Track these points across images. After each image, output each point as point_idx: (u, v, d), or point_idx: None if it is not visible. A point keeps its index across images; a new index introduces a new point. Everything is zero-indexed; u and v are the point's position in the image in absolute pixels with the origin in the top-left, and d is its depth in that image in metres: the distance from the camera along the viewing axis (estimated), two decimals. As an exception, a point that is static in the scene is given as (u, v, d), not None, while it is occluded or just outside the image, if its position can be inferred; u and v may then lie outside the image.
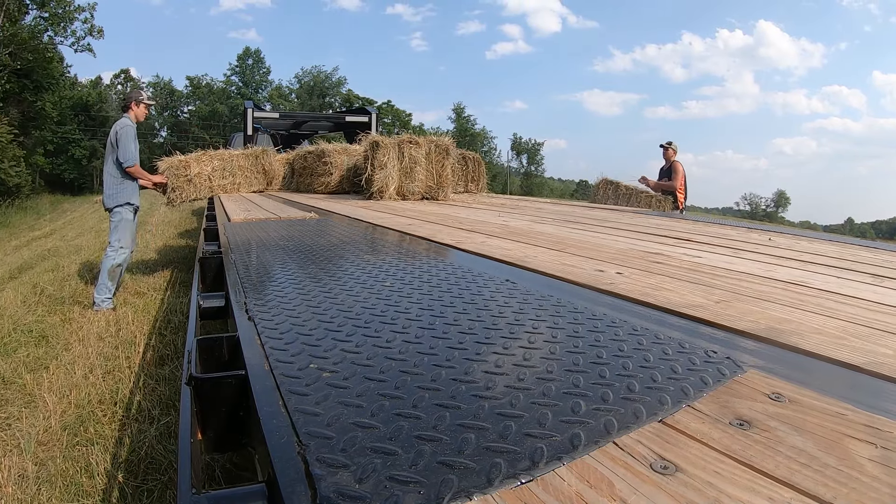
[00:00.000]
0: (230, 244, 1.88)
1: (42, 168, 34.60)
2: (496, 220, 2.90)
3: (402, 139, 4.47)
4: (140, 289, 4.79)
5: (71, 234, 10.19)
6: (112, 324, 3.64)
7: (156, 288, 4.94)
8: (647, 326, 0.91)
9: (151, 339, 3.43)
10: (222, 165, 5.52)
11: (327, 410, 0.57)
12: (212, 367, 0.85)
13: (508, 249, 1.77)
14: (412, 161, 4.41)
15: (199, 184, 5.23)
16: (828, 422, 0.56)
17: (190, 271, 5.30)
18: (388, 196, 4.33)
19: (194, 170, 5.19)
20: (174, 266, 5.94)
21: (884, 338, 0.88)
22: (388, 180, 4.32)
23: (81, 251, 7.29)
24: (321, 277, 1.31)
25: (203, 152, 5.52)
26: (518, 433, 0.53)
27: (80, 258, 6.54)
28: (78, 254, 7.02)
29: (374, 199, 4.30)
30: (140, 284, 4.91)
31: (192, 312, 1.15)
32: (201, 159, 5.35)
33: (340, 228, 2.44)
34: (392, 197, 4.34)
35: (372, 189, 4.32)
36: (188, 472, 0.55)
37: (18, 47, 21.20)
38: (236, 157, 5.69)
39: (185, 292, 4.57)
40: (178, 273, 5.53)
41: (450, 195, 4.69)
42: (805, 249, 2.02)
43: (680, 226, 2.81)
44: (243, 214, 3.03)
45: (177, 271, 5.62)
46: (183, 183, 5.07)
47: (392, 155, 4.35)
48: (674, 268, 1.49)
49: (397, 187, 4.39)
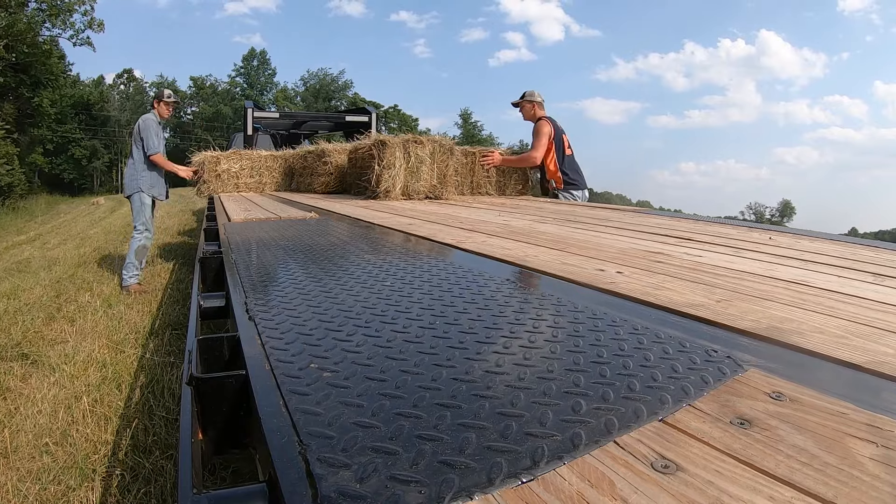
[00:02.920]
0: (230, 244, 1.88)
1: (41, 168, 33.93)
2: (497, 219, 2.90)
3: (406, 138, 4.46)
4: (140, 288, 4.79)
5: (54, 241, 9.35)
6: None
7: (156, 287, 4.94)
8: (648, 325, 0.90)
9: (149, 341, 3.37)
10: (250, 164, 5.91)
11: (328, 410, 0.57)
12: (212, 367, 0.85)
13: (509, 249, 1.77)
14: (418, 160, 4.41)
15: (227, 180, 5.67)
16: (829, 421, 0.56)
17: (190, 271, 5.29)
18: (394, 196, 4.32)
19: (223, 166, 5.63)
20: (174, 265, 5.94)
21: (885, 337, 0.88)
22: (395, 180, 4.32)
23: (56, 265, 6.09)
24: (322, 277, 1.31)
25: (234, 151, 6.00)
26: (519, 432, 0.53)
27: (49, 276, 5.41)
28: (50, 269, 5.82)
29: (380, 199, 4.29)
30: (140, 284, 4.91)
31: (192, 312, 1.15)
32: (231, 157, 5.78)
33: (341, 228, 2.44)
34: (397, 197, 4.34)
35: (379, 189, 4.31)
36: (189, 471, 0.55)
37: (14, 39, 20.20)
38: (264, 158, 6.07)
39: (185, 292, 4.57)
40: (179, 273, 5.53)
41: (452, 194, 4.68)
42: (806, 248, 2.02)
43: (681, 225, 2.81)
44: (243, 214, 3.03)
45: (177, 271, 5.62)
46: (213, 177, 5.57)
47: (399, 154, 4.35)
48: (675, 267, 1.49)
49: (403, 187, 4.38)
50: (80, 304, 4.27)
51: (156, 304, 4.35)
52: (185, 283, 4.96)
